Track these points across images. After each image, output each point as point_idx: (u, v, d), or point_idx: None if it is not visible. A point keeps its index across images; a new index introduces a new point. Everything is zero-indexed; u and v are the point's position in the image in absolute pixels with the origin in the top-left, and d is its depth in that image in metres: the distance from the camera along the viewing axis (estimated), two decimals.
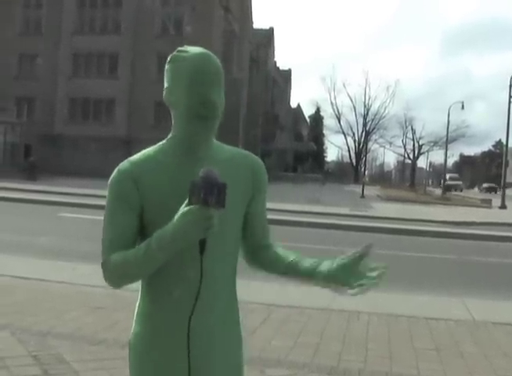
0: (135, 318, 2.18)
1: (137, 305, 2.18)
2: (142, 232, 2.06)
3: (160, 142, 2.19)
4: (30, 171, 41.30)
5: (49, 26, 59.84)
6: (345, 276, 2.11)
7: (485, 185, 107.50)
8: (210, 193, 1.80)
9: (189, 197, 1.83)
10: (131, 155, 2.19)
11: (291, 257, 2.20)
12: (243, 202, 2.17)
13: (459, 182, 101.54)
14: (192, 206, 1.81)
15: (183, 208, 1.84)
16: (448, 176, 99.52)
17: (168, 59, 2.13)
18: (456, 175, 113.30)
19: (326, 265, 2.14)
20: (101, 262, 2.06)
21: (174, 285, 2.05)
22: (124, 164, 2.10)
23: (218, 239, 2.02)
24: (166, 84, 2.15)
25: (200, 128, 2.05)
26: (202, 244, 1.91)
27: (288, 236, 16.22)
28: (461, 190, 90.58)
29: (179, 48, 2.13)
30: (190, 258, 1.97)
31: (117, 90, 58.65)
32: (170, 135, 2.16)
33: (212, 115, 2.05)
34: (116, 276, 2.05)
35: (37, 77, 59.56)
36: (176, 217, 1.85)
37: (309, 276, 2.15)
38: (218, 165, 1.99)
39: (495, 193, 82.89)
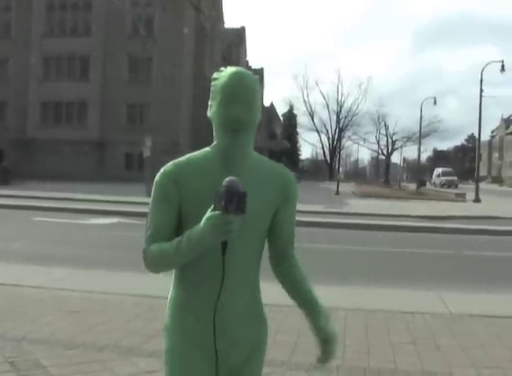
0: (167, 305, 2.43)
1: (169, 293, 2.43)
2: (180, 226, 2.31)
3: (205, 149, 2.41)
4: (3, 176, 40.92)
5: (19, 29, 59.36)
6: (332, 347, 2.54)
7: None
8: (231, 201, 2.01)
9: (213, 203, 2.06)
10: (104, 157, 2.34)
11: (305, 289, 2.56)
12: (270, 209, 2.39)
13: (454, 178, 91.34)
14: (215, 212, 2.05)
15: (208, 213, 2.08)
16: (440, 171, 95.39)
17: (213, 76, 2.41)
18: (449, 170, 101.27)
19: (330, 326, 2.53)
20: (142, 249, 2.31)
21: (201, 279, 2.32)
22: (169, 166, 2.35)
23: (242, 241, 2.29)
24: (210, 101, 2.39)
25: (230, 141, 2.29)
26: (224, 246, 2.15)
27: None
28: (456, 186, 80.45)
29: (222, 68, 2.41)
30: (215, 257, 2.21)
31: (89, 92, 58.36)
32: (213, 144, 2.38)
33: (237, 129, 2.27)
34: (153, 265, 2.30)
35: (7, 81, 59.04)
36: (202, 221, 2.09)
37: (311, 319, 2.57)
38: (252, 174, 2.34)
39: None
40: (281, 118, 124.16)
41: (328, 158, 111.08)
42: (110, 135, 56.31)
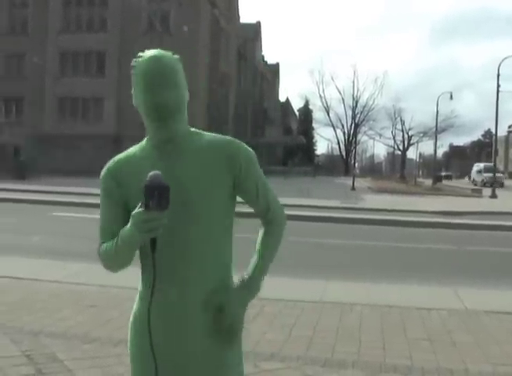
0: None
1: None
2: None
3: (142, 141, 2.37)
4: (20, 171, 41.18)
5: (35, 25, 59.56)
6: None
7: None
8: (151, 196, 1.96)
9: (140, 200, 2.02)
10: (120, 152, 2.36)
11: (256, 257, 2.37)
12: (222, 186, 2.26)
13: (500, 175, 72.57)
14: (138, 210, 2.02)
15: (134, 211, 2.04)
16: (482, 166, 74.82)
17: (132, 64, 2.30)
18: (491, 165, 69.40)
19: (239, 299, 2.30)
20: (96, 249, 2.31)
21: (147, 274, 2.28)
22: (109, 163, 2.36)
23: (186, 232, 2.20)
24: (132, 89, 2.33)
25: (159, 129, 2.23)
26: (152, 243, 2.06)
27: None
28: (502, 185, 65.91)
29: (139, 54, 2.28)
30: (149, 253, 2.12)
31: (105, 88, 58.49)
32: (146, 133, 2.35)
33: (164, 113, 2.19)
34: (106, 264, 2.31)
35: (24, 77, 59.30)
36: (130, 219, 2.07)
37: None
38: (191, 156, 2.25)
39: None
40: (297, 113, 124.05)
41: (344, 153, 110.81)
42: (126, 130, 56.34)
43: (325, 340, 5.96)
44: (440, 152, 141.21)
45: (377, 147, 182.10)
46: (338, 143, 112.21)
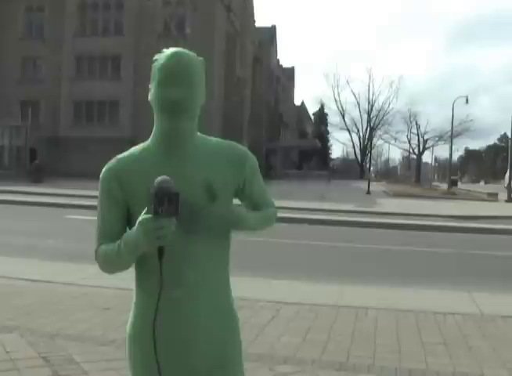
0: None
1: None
2: (130, 223, 2.21)
3: (148, 140, 2.30)
4: (36, 174, 41.36)
5: (51, 29, 59.87)
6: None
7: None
8: (161, 203, 1.91)
9: (147, 205, 1.96)
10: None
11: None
12: (230, 190, 2.26)
13: None
14: (146, 216, 1.95)
15: (140, 216, 1.98)
16: None
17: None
18: None
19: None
20: (94, 249, 2.26)
21: (146, 282, 2.23)
22: (110, 162, 2.29)
23: (193, 239, 2.16)
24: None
25: (170, 125, 2.17)
26: (160, 251, 2.01)
27: (294, 233, 16.24)
28: None
29: (163, 50, 2.26)
30: (154, 261, 2.05)
31: (121, 91, 58.69)
32: (153, 132, 2.28)
33: (177, 112, 2.15)
34: (103, 266, 2.26)
35: (40, 81, 59.60)
36: (136, 224, 2.01)
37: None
38: (197, 160, 2.21)
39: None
40: (312, 117, 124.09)
41: (359, 157, 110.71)
42: (142, 133, 55.89)
43: (340, 344, 5.96)
44: (455, 156, 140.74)
45: (392, 151, 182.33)
46: (353, 147, 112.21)
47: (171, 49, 2.23)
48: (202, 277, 2.18)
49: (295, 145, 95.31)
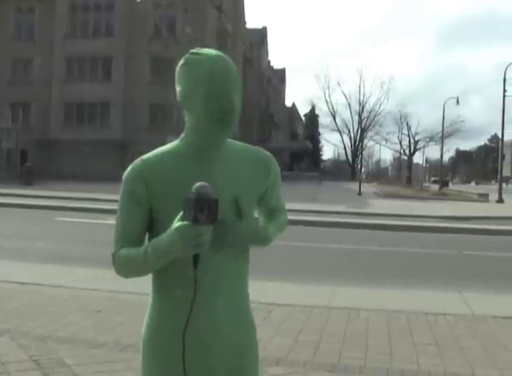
0: (147, 310, 2.25)
1: (149, 298, 2.25)
2: (151, 228, 2.14)
3: (174, 142, 2.21)
4: (27, 177, 41.26)
5: (42, 30, 59.77)
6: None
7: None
8: (201, 210, 1.85)
9: (182, 211, 1.89)
10: (126, 158, 2.24)
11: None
12: (254, 198, 2.23)
13: None
14: (183, 222, 1.88)
15: (176, 222, 1.91)
16: None
17: (182, 61, 2.14)
18: None
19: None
20: (111, 253, 2.16)
21: (175, 287, 2.12)
22: (136, 162, 2.16)
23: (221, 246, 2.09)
24: (179, 87, 2.13)
25: (219, 132, 2.08)
26: (195, 259, 1.95)
27: (286, 234, 16.24)
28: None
29: (192, 51, 2.14)
30: (187, 268, 1.99)
31: (112, 93, 58.62)
32: (182, 136, 2.19)
33: (231, 119, 2.07)
34: (122, 270, 2.16)
35: (31, 82, 59.47)
36: (169, 230, 1.93)
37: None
38: (228, 163, 2.15)
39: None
40: (303, 119, 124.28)
41: (350, 158, 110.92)
42: (133, 135, 56.49)
43: (332, 345, 5.95)
44: (446, 157, 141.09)
45: (383, 152, 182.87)
46: (344, 148, 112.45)
47: (211, 52, 2.12)
48: (221, 282, 2.14)
49: (286, 146, 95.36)
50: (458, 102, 61.31)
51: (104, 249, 11.29)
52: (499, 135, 46.16)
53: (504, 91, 42.64)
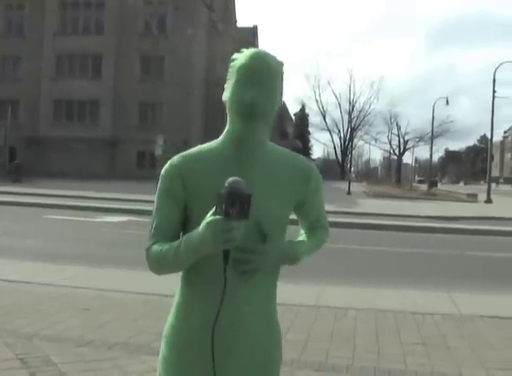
0: (172, 309, 2.24)
1: (175, 296, 2.24)
2: (186, 225, 2.13)
3: (216, 140, 2.22)
4: (16, 174, 41.12)
5: (32, 27, 59.57)
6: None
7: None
8: (233, 205, 1.82)
9: (215, 206, 1.87)
10: (116, 156, 2.23)
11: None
12: (287, 205, 2.20)
13: None
14: (215, 217, 1.86)
15: (208, 217, 1.89)
16: None
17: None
18: None
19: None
20: (145, 248, 2.14)
21: (203, 288, 2.12)
22: (176, 158, 2.16)
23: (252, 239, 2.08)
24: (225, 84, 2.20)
25: (244, 128, 2.09)
26: (226, 255, 1.94)
27: None
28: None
29: (242, 49, 2.18)
30: (218, 265, 1.98)
31: (101, 91, 58.51)
32: (224, 132, 2.20)
33: (253, 115, 2.07)
34: (154, 266, 2.13)
35: (20, 80, 59.26)
36: (201, 225, 1.91)
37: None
38: (267, 167, 2.15)
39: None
40: (293, 118, 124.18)
41: (340, 158, 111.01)
42: (122, 133, 56.42)
43: (319, 344, 5.96)
44: (436, 157, 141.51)
45: (373, 152, 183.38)
46: (334, 148, 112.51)
47: (252, 49, 2.14)
48: (251, 280, 2.12)
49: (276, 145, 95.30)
50: (448, 102, 61.41)
51: (94, 247, 11.32)
52: (489, 135, 46.30)
53: (493, 91, 42.74)
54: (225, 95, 2.16)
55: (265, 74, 2.08)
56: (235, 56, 2.17)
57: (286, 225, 2.24)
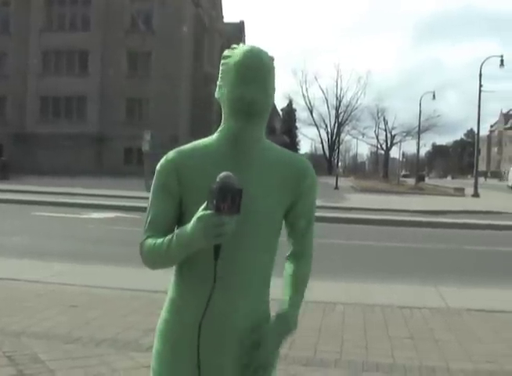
0: (165, 304, 2.24)
1: (169, 292, 2.24)
2: (180, 221, 2.12)
3: (211, 136, 2.22)
4: (3, 171, 40.89)
5: (17, 23, 59.22)
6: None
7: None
8: (224, 199, 1.82)
9: (206, 201, 1.87)
10: (103, 152, 2.22)
11: (287, 291, 2.32)
12: (280, 205, 2.17)
13: None
14: (206, 211, 1.86)
15: (199, 212, 1.89)
16: None
17: (222, 56, 2.18)
18: None
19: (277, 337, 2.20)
20: (139, 242, 2.14)
21: (193, 283, 2.13)
22: (171, 153, 2.17)
23: (243, 243, 2.09)
24: (218, 81, 2.19)
25: (241, 126, 2.09)
26: (216, 250, 1.94)
27: None
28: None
29: (232, 46, 2.17)
30: (208, 260, 1.98)
31: (88, 87, 58.28)
32: (220, 129, 2.19)
33: (251, 112, 2.07)
34: (148, 260, 2.13)
35: (6, 76, 58.94)
36: (192, 220, 1.91)
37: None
38: (261, 164, 2.15)
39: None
40: (280, 113, 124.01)
41: (327, 153, 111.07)
42: (109, 129, 56.24)
43: (307, 339, 5.96)
44: (423, 151, 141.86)
45: (360, 147, 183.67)
46: (321, 143, 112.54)
47: (245, 46, 2.13)
48: (242, 277, 2.13)
49: None
50: (434, 96, 61.72)
51: (81, 243, 11.26)
52: (475, 129, 46.47)
53: (480, 86, 42.92)
54: (219, 93, 2.15)
55: (260, 71, 2.08)
56: (227, 52, 2.15)
57: (280, 225, 2.23)
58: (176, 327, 2.15)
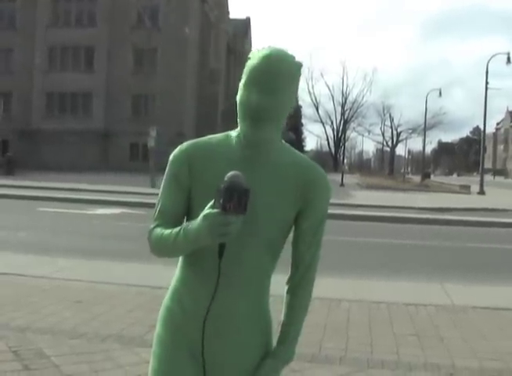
0: (168, 292, 2.25)
1: (172, 281, 2.25)
2: (189, 213, 2.13)
3: (229, 132, 2.20)
4: (8, 167, 41.00)
5: (23, 20, 59.24)
6: None
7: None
8: (230, 199, 1.82)
9: (214, 199, 1.87)
10: (108, 148, 2.21)
11: (286, 320, 2.35)
12: (287, 211, 2.14)
13: None
14: (212, 210, 1.86)
15: (206, 210, 1.89)
16: None
17: None
18: None
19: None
20: (148, 229, 2.15)
21: (197, 279, 2.13)
22: (185, 145, 2.17)
23: (248, 244, 2.08)
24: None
25: (248, 130, 2.06)
26: (221, 248, 1.94)
27: None
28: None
29: (261, 48, 2.11)
30: (212, 258, 1.99)
31: (94, 83, 58.29)
32: (237, 129, 2.16)
33: (257, 118, 2.02)
34: (154, 248, 2.14)
35: (12, 72, 59.00)
36: (199, 217, 1.91)
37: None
38: (272, 168, 2.11)
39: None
40: None
41: (333, 150, 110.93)
42: (115, 125, 56.26)
43: (312, 336, 5.95)
44: (428, 148, 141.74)
45: (366, 144, 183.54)
46: (327, 139, 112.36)
47: (265, 50, 2.05)
48: (245, 275, 2.13)
49: None
50: (440, 94, 61.61)
51: (86, 239, 11.28)
52: (481, 127, 46.38)
53: (486, 83, 42.82)
54: (237, 95, 2.11)
55: (273, 77, 2.01)
56: (251, 54, 2.10)
57: (288, 228, 2.19)
58: (178, 315, 2.17)
